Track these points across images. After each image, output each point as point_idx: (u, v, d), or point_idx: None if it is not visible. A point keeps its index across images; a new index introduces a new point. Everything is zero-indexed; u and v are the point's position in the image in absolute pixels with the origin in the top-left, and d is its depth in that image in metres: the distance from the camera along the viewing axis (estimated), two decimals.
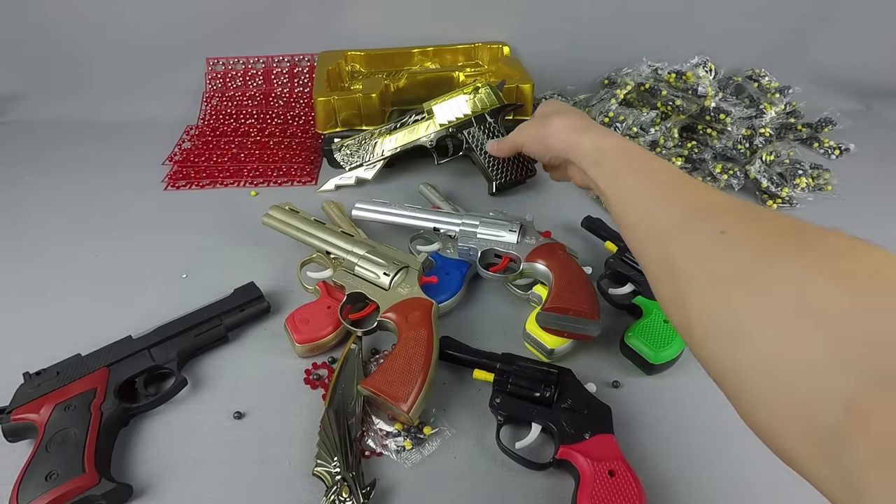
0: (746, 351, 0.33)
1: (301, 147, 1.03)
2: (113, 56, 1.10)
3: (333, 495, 0.49)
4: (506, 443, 0.54)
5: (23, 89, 1.14)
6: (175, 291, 0.73)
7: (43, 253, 0.80)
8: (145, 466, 0.54)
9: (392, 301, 0.64)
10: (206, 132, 1.08)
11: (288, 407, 0.59)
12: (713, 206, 0.42)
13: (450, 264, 0.73)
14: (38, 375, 0.58)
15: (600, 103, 1.02)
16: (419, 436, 0.56)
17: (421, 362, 0.57)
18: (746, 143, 0.95)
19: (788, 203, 0.90)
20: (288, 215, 0.74)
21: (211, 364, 0.64)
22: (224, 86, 1.13)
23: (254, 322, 0.68)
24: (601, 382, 0.61)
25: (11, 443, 0.55)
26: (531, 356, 0.62)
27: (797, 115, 1.04)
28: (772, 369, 0.31)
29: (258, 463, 0.55)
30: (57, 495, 0.48)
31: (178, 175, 0.96)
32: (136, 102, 1.13)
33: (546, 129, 0.65)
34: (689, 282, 0.38)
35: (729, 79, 1.11)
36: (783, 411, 0.30)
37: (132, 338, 0.63)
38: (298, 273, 0.72)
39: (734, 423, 0.35)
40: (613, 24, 1.11)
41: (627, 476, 0.50)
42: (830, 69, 1.18)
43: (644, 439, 0.57)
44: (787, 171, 0.93)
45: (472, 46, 1.10)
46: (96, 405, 0.55)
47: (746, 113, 0.96)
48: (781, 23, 1.13)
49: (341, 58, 1.07)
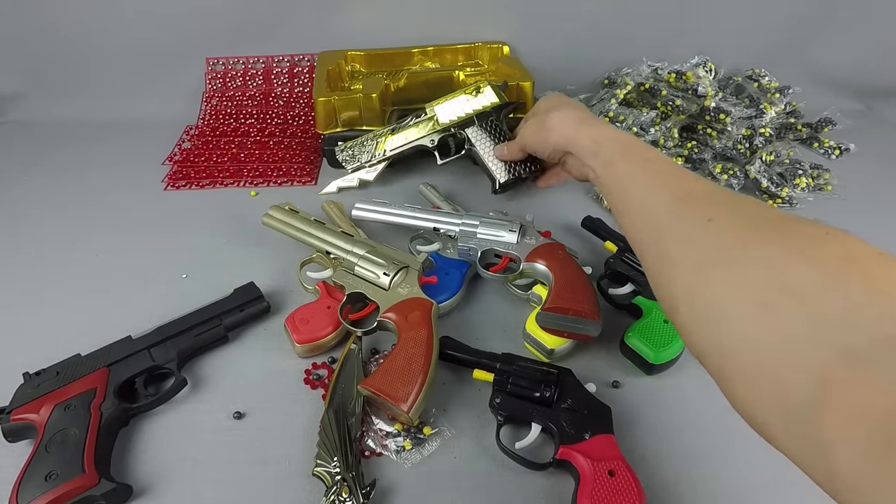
0: (726, 330, 0.34)
1: (301, 147, 1.03)
2: (113, 56, 1.10)
3: (333, 495, 0.49)
4: (506, 443, 0.54)
5: (22, 89, 1.14)
6: (175, 291, 0.73)
7: (43, 253, 0.80)
8: (145, 466, 0.54)
9: (392, 301, 0.64)
10: (205, 132, 1.07)
11: (288, 407, 0.59)
12: (702, 194, 0.44)
13: (450, 264, 0.73)
14: (38, 375, 0.58)
15: (600, 103, 1.02)
16: (419, 436, 0.56)
17: (421, 362, 0.57)
18: (746, 143, 0.95)
19: (788, 203, 0.90)
20: (288, 215, 0.74)
21: (211, 364, 0.64)
22: (224, 86, 1.13)
23: (254, 322, 0.68)
24: (601, 382, 0.61)
25: (11, 443, 0.55)
26: (531, 356, 0.62)
27: (797, 115, 1.04)
28: (750, 346, 0.32)
29: (258, 463, 0.55)
30: (57, 495, 0.48)
31: (178, 175, 0.96)
32: (135, 102, 1.13)
33: (546, 125, 0.68)
34: (676, 266, 0.40)
35: (729, 79, 1.11)
36: (761, 387, 0.32)
37: (132, 338, 0.63)
38: (298, 273, 0.72)
39: (735, 423, 0.35)
40: (613, 24, 1.11)
41: (627, 476, 0.50)
42: (830, 69, 1.18)
43: (644, 439, 0.57)
44: (787, 171, 0.93)
45: (472, 46, 1.10)
46: (96, 405, 0.55)
47: (746, 113, 0.96)
48: (781, 23, 1.13)
49: (341, 58, 1.07)
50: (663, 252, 0.42)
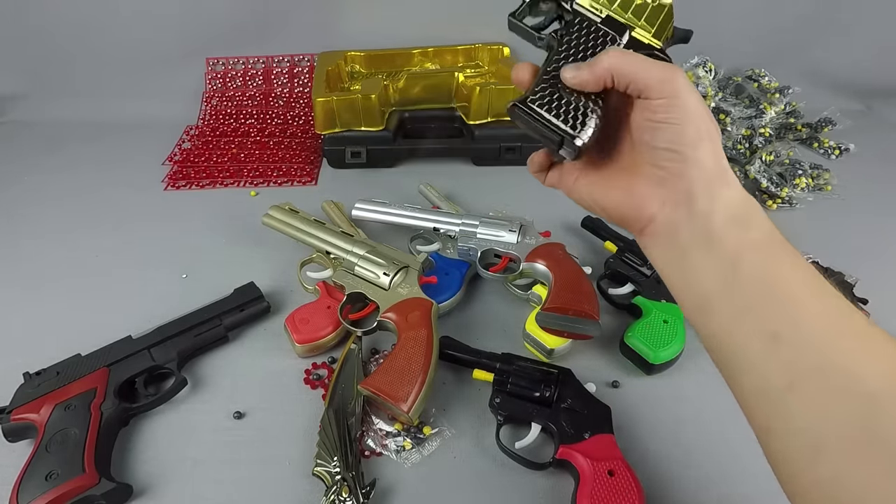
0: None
1: (301, 147, 1.03)
2: (113, 56, 1.10)
3: (333, 495, 0.49)
4: (505, 443, 0.54)
5: (22, 89, 1.14)
6: (175, 291, 0.73)
7: (43, 253, 0.80)
8: (145, 466, 0.54)
9: (392, 301, 0.64)
10: (206, 132, 1.08)
11: (288, 407, 0.59)
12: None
13: (450, 264, 0.73)
14: (38, 375, 0.58)
15: None
16: (419, 436, 0.56)
17: (421, 362, 0.57)
18: (746, 143, 0.95)
19: (788, 203, 0.90)
20: (288, 215, 0.74)
21: (211, 364, 0.64)
22: (224, 86, 1.13)
23: (254, 322, 0.68)
24: (601, 382, 0.61)
25: (11, 443, 0.55)
26: (531, 356, 0.62)
27: (797, 115, 1.04)
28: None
29: (258, 463, 0.55)
30: (57, 495, 0.48)
31: (178, 175, 0.96)
32: (135, 102, 1.13)
33: (675, 86, 0.35)
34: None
35: (729, 79, 1.11)
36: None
37: (132, 338, 0.63)
38: (298, 273, 0.72)
39: (734, 423, 0.35)
40: None
41: (627, 476, 0.50)
42: (830, 69, 1.18)
43: (644, 439, 0.57)
44: (787, 171, 0.93)
45: (472, 47, 1.10)
46: (96, 405, 0.55)
47: (746, 113, 0.96)
48: (781, 23, 1.13)
49: (341, 58, 1.07)
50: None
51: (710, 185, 0.34)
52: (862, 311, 0.50)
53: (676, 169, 0.35)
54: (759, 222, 0.34)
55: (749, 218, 0.34)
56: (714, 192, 0.34)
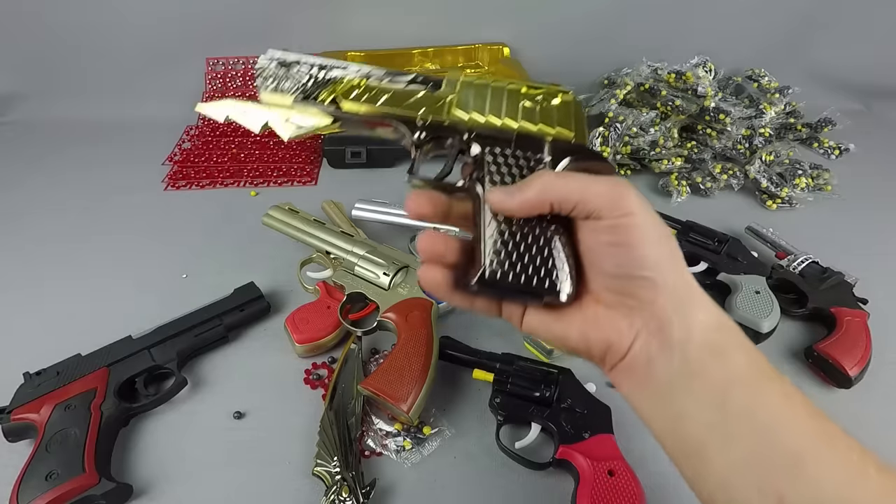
0: None
1: (301, 147, 1.03)
2: (113, 56, 1.10)
3: (333, 495, 0.49)
4: (505, 442, 0.54)
5: (23, 89, 1.14)
6: (175, 291, 0.73)
7: (43, 253, 0.80)
8: (145, 466, 0.54)
9: (392, 301, 0.64)
10: (206, 132, 1.08)
11: (288, 407, 0.59)
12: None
13: None
14: (38, 375, 0.58)
15: (600, 103, 1.02)
16: (419, 436, 0.56)
17: (421, 362, 0.57)
18: (746, 143, 0.95)
19: (788, 203, 0.90)
20: (288, 215, 0.74)
21: (211, 364, 0.64)
22: (224, 86, 1.13)
23: (254, 322, 0.68)
24: (601, 382, 0.61)
25: (11, 443, 0.55)
26: (531, 356, 0.62)
27: (797, 115, 1.04)
28: None
29: (258, 463, 0.55)
30: (57, 495, 0.48)
31: (178, 175, 0.96)
32: (135, 102, 1.13)
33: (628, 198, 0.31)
34: None
35: (729, 79, 1.11)
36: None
37: (132, 338, 0.63)
38: (298, 273, 0.72)
39: None
40: (613, 25, 1.11)
41: (627, 476, 0.50)
42: (830, 69, 1.18)
43: (644, 439, 0.56)
44: (787, 171, 0.93)
45: (472, 47, 1.11)
46: (96, 405, 0.55)
47: (746, 113, 0.96)
48: (781, 23, 1.13)
49: (341, 58, 1.07)
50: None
51: (682, 309, 0.31)
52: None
53: (642, 295, 0.31)
54: (739, 345, 0.31)
55: (727, 344, 0.31)
56: (688, 317, 0.31)
